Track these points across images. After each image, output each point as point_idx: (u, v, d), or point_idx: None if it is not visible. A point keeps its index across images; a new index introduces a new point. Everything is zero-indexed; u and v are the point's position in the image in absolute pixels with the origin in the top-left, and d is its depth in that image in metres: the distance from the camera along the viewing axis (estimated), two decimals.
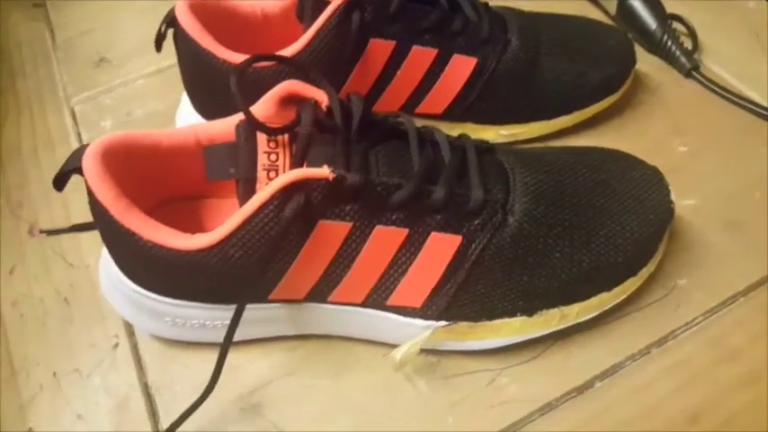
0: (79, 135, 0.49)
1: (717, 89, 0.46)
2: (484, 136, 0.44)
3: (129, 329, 0.37)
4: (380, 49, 0.39)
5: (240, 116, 0.32)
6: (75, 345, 0.37)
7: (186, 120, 0.43)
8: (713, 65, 0.49)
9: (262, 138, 0.30)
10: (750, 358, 0.34)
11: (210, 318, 0.34)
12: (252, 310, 0.33)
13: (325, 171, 0.28)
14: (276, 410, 0.33)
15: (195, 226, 0.36)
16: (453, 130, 0.43)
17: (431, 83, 0.41)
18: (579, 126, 0.45)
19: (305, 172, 0.27)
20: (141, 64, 0.54)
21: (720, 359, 0.34)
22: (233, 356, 0.35)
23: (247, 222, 0.28)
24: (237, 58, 0.37)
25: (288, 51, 0.37)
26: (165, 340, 0.36)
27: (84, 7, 0.60)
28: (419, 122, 0.42)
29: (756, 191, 0.41)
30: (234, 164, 0.30)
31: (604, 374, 0.34)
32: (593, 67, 0.43)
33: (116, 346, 0.36)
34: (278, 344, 0.36)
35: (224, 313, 0.33)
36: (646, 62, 0.49)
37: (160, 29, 0.39)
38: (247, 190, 0.29)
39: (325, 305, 0.33)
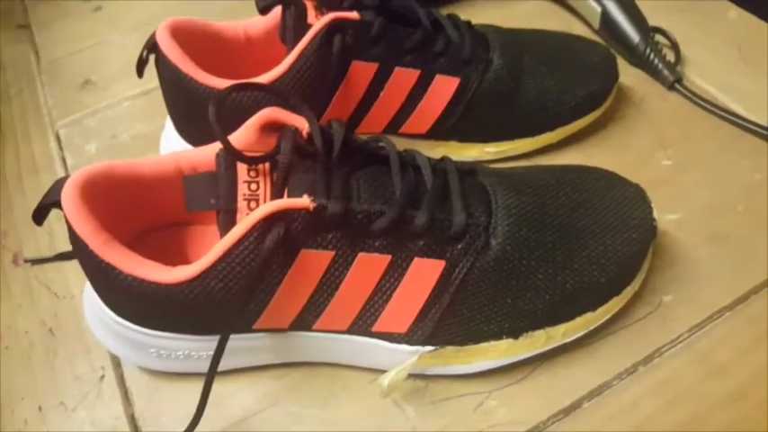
0: (64, 160, 0.48)
1: (700, 102, 0.47)
2: (469, 154, 0.44)
3: (116, 360, 0.37)
4: (363, 71, 0.39)
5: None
6: (61, 377, 0.36)
7: (170, 144, 0.42)
8: (696, 77, 0.49)
9: (242, 167, 0.30)
10: (737, 374, 0.34)
11: (195, 349, 0.33)
12: (236, 341, 0.33)
13: (305, 201, 0.28)
14: None
15: (180, 254, 0.35)
16: (438, 148, 0.44)
17: (414, 103, 0.41)
18: (564, 141, 0.45)
19: (285, 203, 0.27)
20: (127, 86, 0.53)
21: (707, 376, 0.34)
22: (220, 387, 0.35)
23: (227, 255, 0.28)
24: (219, 82, 0.37)
25: (270, 75, 0.37)
26: (151, 371, 0.36)
27: (70, 28, 0.60)
28: (403, 142, 0.42)
29: (740, 204, 0.41)
30: (214, 194, 0.30)
31: (591, 395, 0.34)
32: (576, 84, 0.43)
33: (102, 377, 0.36)
34: (264, 373, 0.35)
35: (209, 344, 0.33)
36: (629, 75, 0.49)
37: (141, 54, 0.39)
38: (228, 221, 0.29)
39: (310, 333, 0.33)
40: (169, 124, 0.44)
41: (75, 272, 0.41)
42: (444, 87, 0.41)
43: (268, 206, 0.27)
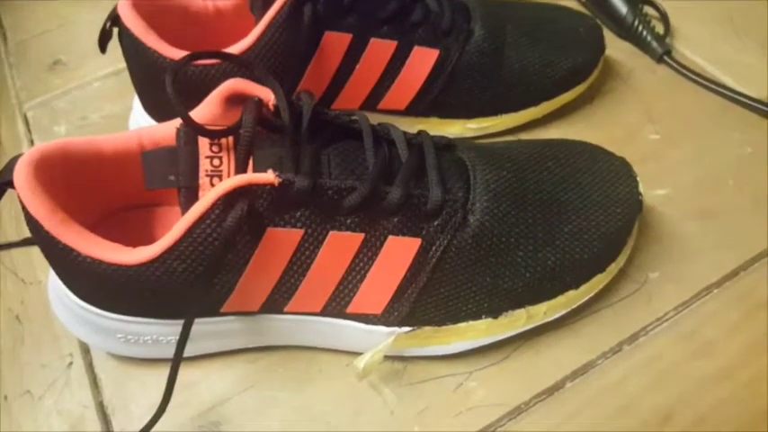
0: (32, 142, 0.47)
1: (690, 74, 0.45)
2: (450, 131, 0.43)
3: (84, 347, 0.36)
4: (336, 42, 0.37)
5: (193, 115, 0.31)
6: (27, 366, 0.35)
7: (138, 124, 0.41)
8: (686, 50, 0.48)
9: (204, 142, 0.28)
10: (724, 353, 0.33)
11: (164, 333, 0.32)
12: (204, 324, 0.32)
13: (269, 176, 0.26)
14: (236, 427, 0.32)
15: (146, 237, 0.34)
16: (418, 125, 0.42)
17: (392, 77, 0.40)
18: (548, 117, 0.43)
19: (247, 178, 0.26)
20: (97, 66, 0.52)
21: (693, 355, 0.33)
22: (190, 372, 0.34)
23: (188, 234, 0.27)
24: (179, 55, 0.36)
25: (236, 48, 0.35)
26: (121, 357, 0.35)
27: (38, 8, 0.58)
28: (381, 120, 0.41)
29: (730, 178, 0.40)
30: (174, 171, 0.28)
31: (575, 374, 0.33)
32: (560, 56, 0.42)
33: (70, 365, 0.35)
34: (237, 357, 0.34)
35: (177, 328, 0.31)
36: (616, 48, 0.48)
37: (104, 27, 0.37)
38: (189, 198, 0.28)
39: (282, 316, 0.32)
40: (136, 103, 0.42)
41: (42, 257, 0.39)
42: (423, 60, 0.39)
43: (229, 181, 0.26)
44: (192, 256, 0.27)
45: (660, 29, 0.48)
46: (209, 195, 0.26)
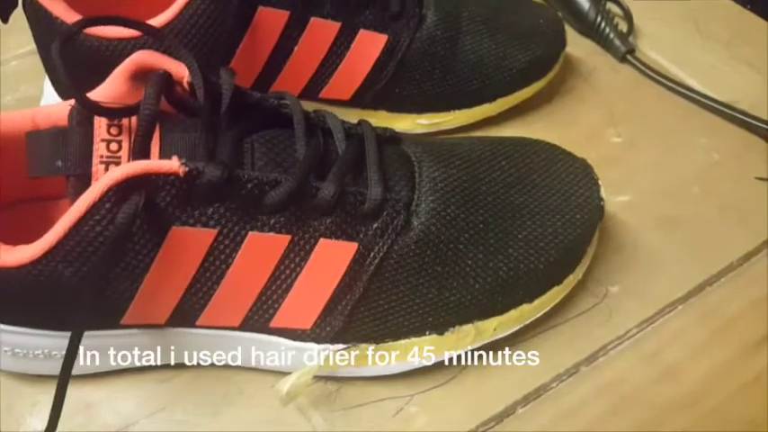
0: None
1: (653, 75, 0.43)
2: (399, 125, 0.39)
3: None
4: (271, 20, 0.33)
5: (96, 94, 0.26)
6: None
7: None
8: (649, 49, 0.46)
9: (101, 123, 0.24)
10: (688, 377, 0.30)
11: (57, 347, 0.28)
12: (105, 338, 0.27)
13: (173, 164, 0.22)
14: None
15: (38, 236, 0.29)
16: (364, 118, 0.39)
17: (335, 62, 0.36)
18: (504, 115, 0.40)
19: (144, 165, 0.22)
20: (16, 43, 0.46)
21: (656, 378, 0.30)
22: (91, 391, 0.29)
23: (74, 231, 0.22)
24: (100, 29, 0.31)
25: (156, 21, 0.31)
26: (8, 374, 0.30)
27: None
28: (321, 108, 0.37)
29: (695, 185, 0.38)
30: (62, 155, 0.24)
31: (527, 399, 0.29)
32: (519, 48, 0.39)
33: None
34: (146, 375, 0.30)
35: None
36: (578, 46, 0.45)
37: None
38: (79, 189, 0.23)
39: (195, 330, 0.27)
40: (48, 85, 0.37)
41: None
42: (369, 45, 0.36)
43: (122, 169, 0.21)
44: (80, 258, 0.23)
45: (623, 27, 0.46)
46: (96, 185, 0.22)
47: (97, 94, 0.26)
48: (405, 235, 0.27)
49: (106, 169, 0.24)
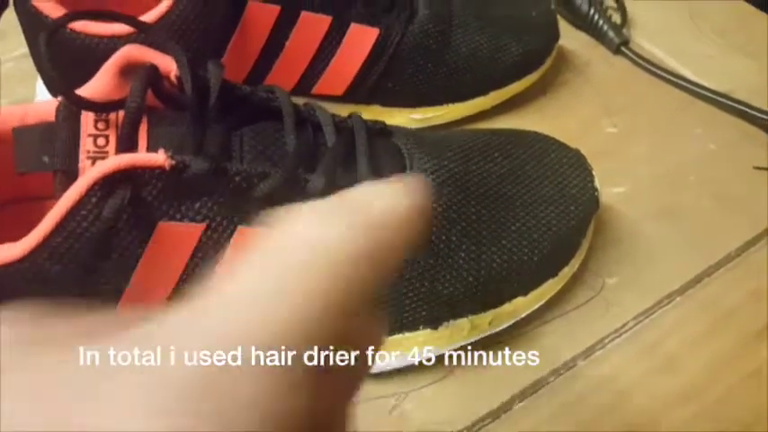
0: None
1: (648, 66, 0.42)
2: (393, 120, 0.38)
3: None
4: (262, 15, 0.33)
5: (85, 89, 0.26)
6: None
7: None
8: (644, 40, 0.45)
9: (88, 118, 0.24)
10: (689, 368, 0.30)
11: None
12: None
13: (159, 157, 0.22)
14: None
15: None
16: (358, 113, 0.38)
17: (327, 57, 0.35)
18: (499, 108, 0.40)
19: (130, 158, 0.21)
20: (11, 45, 0.46)
21: (656, 370, 0.30)
22: None
23: (61, 227, 0.22)
24: (91, 27, 0.31)
25: (148, 17, 0.31)
26: None
27: None
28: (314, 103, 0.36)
29: (691, 174, 0.37)
30: (49, 150, 0.24)
31: (524, 394, 0.29)
32: (512, 41, 0.38)
33: None
34: None
35: None
36: (572, 38, 0.45)
37: None
38: (66, 185, 0.23)
39: None
40: (41, 85, 0.37)
41: None
42: (361, 39, 0.35)
43: (107, 162, 0.21)
44: (67, 255, 0.23)
45: (617, 18, 0.45)
46: (81, 180, 0.21)
47: (86, 90, 0.26)
48: None
49: (93, 164, 0.23)
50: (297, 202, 0.25)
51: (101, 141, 0.24)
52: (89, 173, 0.21)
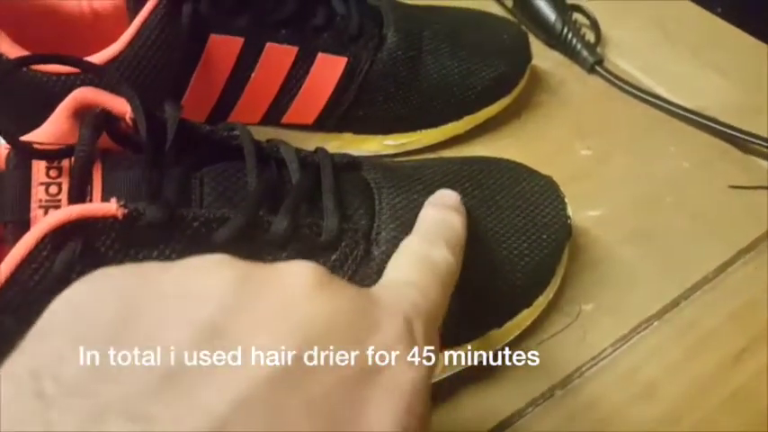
0: None
1: (622, 85, 0.42)
2: (367, 148, 0.38)
3: None
4: (225, 47, 0.32)
5: (37, 134, 0.25)
6: None
7: None
8: (618, 59, 0.45)
9: (39, 166, 0.23)
10: (668, 394, 0.29)
11: None
12: None
13: (111, 206, 0.21)
14: None
15: None
16: (331, 141, 0.38)
17: (295, 87, 0.35)
18: (473, 132, 0.40)
19: (80, 209, 0.21)
20: None
21: (634, 397, 0.29)
22: None
23: (12, 281, 0.21)
24: (47, 65, 0.30)
25: (102, 56, 0.30)
26: None
27: None
28: (290, 136, 0.36)
29: (668, 195, 0.37)
30: None
31: (501, 426, 0.28)
32: (483, 65, 0.38)
33: None
34: None
35: None
36: (545, 58, 0.44)
37: None
38: (17, 236, 0.22)
39: None
40: None
41: None
42: (329, 68, 0.35)
43: (56, 215, 0.20)
44: (21, 307, 0.22)
45: (591, 37, 0.45)
46: (30, 233, 0.21)
47: (39, 134, 0.25)
48: (365, 265, 0.26)
49: (45, 213, 0.22)
50: (261, 244, 0.24)
51: (53, 189, 0.23)
52: (39, 225, 0.20)
